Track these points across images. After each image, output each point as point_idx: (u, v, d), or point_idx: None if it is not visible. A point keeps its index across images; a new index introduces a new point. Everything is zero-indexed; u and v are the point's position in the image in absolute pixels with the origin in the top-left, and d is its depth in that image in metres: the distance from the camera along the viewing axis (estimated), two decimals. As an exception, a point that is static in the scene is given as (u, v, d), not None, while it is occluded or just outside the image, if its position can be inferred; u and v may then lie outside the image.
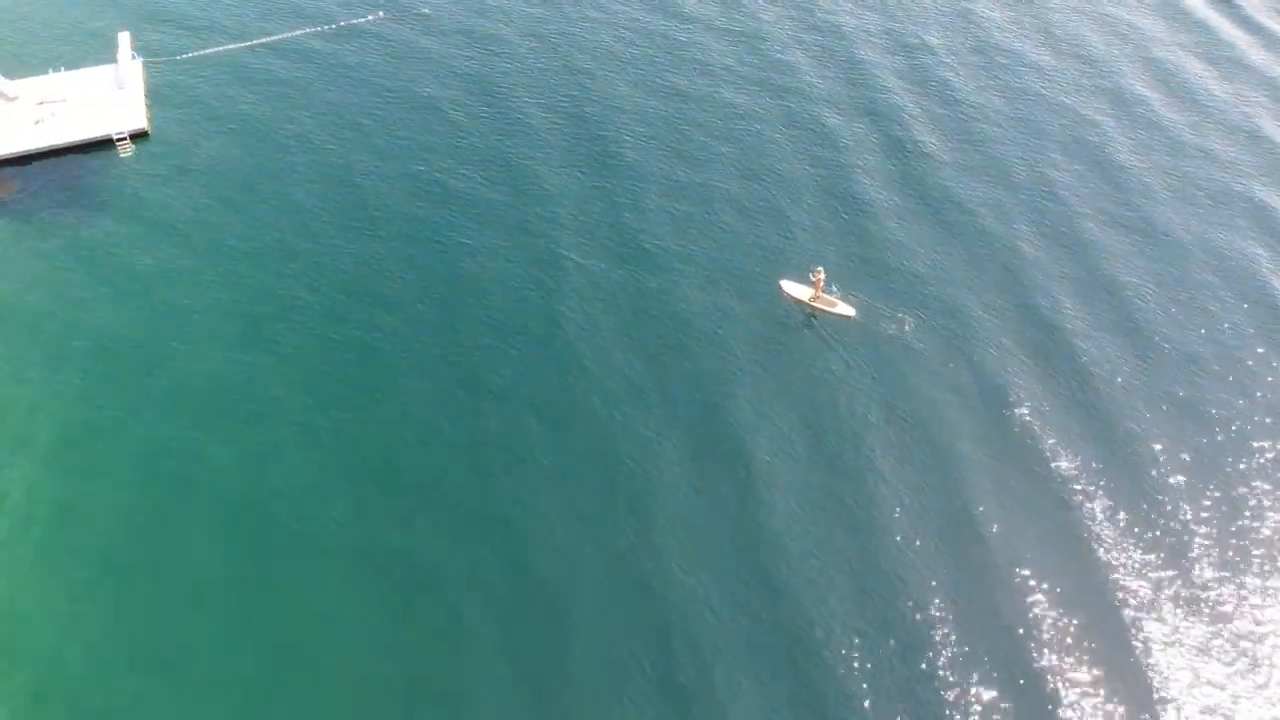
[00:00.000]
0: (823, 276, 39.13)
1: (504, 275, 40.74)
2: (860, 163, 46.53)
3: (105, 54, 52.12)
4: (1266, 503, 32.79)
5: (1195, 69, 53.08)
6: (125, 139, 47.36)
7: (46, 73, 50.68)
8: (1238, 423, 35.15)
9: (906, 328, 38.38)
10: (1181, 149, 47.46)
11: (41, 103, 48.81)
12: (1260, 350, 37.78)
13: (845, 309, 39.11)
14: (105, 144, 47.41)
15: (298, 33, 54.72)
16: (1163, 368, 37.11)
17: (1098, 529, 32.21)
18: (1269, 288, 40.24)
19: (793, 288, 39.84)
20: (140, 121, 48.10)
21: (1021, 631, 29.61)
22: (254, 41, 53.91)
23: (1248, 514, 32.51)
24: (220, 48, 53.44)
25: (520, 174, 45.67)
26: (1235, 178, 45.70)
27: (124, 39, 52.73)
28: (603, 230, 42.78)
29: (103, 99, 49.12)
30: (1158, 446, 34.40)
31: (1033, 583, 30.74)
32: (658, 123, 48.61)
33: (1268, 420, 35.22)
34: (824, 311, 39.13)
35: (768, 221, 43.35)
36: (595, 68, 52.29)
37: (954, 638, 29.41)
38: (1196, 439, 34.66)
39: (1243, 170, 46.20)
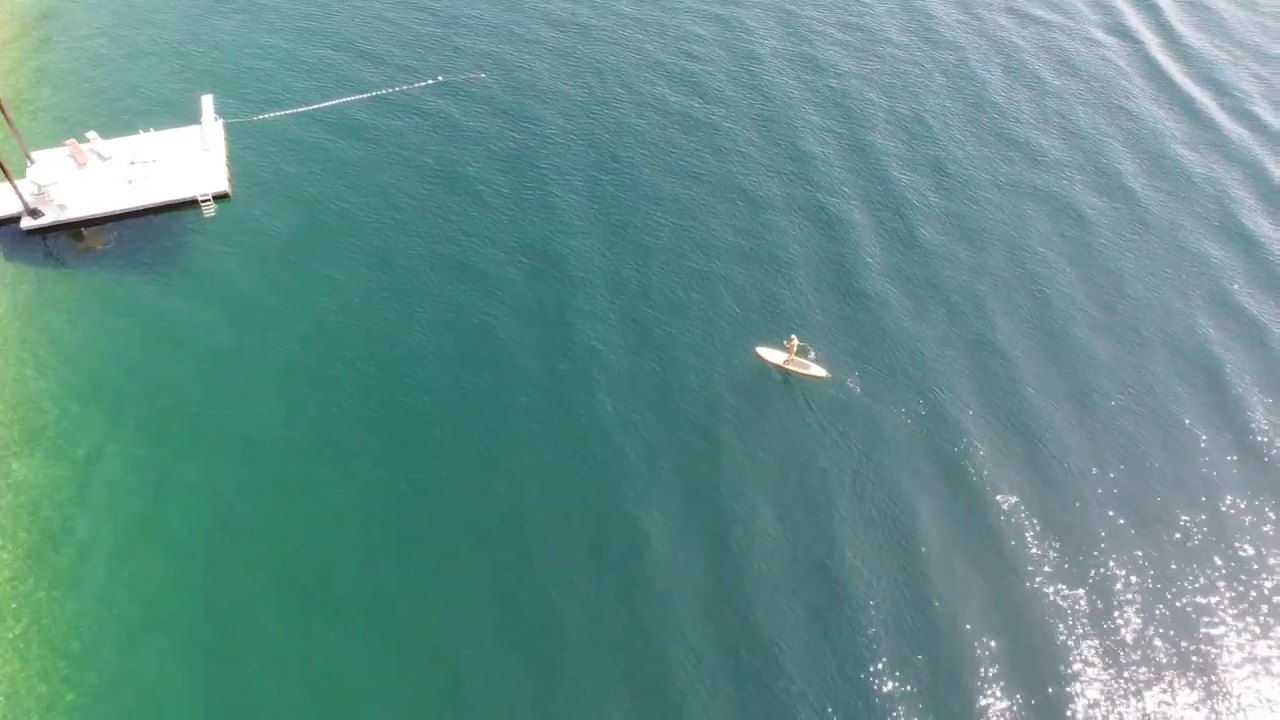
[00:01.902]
0: (796, 343, 43.05)
1: (516, 346, 45.17)
2: (846, 243, 50.13)
3: (190, 115, 56.86)
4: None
5: (1188, 157, 55.88)
6: (209, 200, 51.98)
7: (137, 132, 55.49)
8: (1185, 519, 38.67)
9: (879, 394, 42.68)
10: (1165, 247, 50.29)
11: (133, 162, 53.56)
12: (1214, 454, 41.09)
13: (818, 370, 43.05)
14: (190, 203, 52.13)
15: (363, 96, 59.14)
16: (1113, 459, 40.68)
17: (1050, 607, 35.69)
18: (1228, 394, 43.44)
19: (768, 353, 43.73)
20: (222, 184, 52.66)
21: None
22: (323, 104, 58.42)
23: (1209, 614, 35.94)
24: (293, 110, 57.97)
25: (539, 254, 49.46)
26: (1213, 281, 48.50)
27: (207, 101, 57.42)
28: (605, 309, 46.59)
29: (189, 160, 53.77)
30: (1106, 535, 37.88)
31: (987, 661, 34.28)
32: (668, 205, 52.07)
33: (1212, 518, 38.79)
34: (798, 374, 43.07)
35: (749, 295, 47.31)
36: (620, 148, 55.83)
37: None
38: (1147, 529, 38.31)
39: (1227, 271, 49.00)
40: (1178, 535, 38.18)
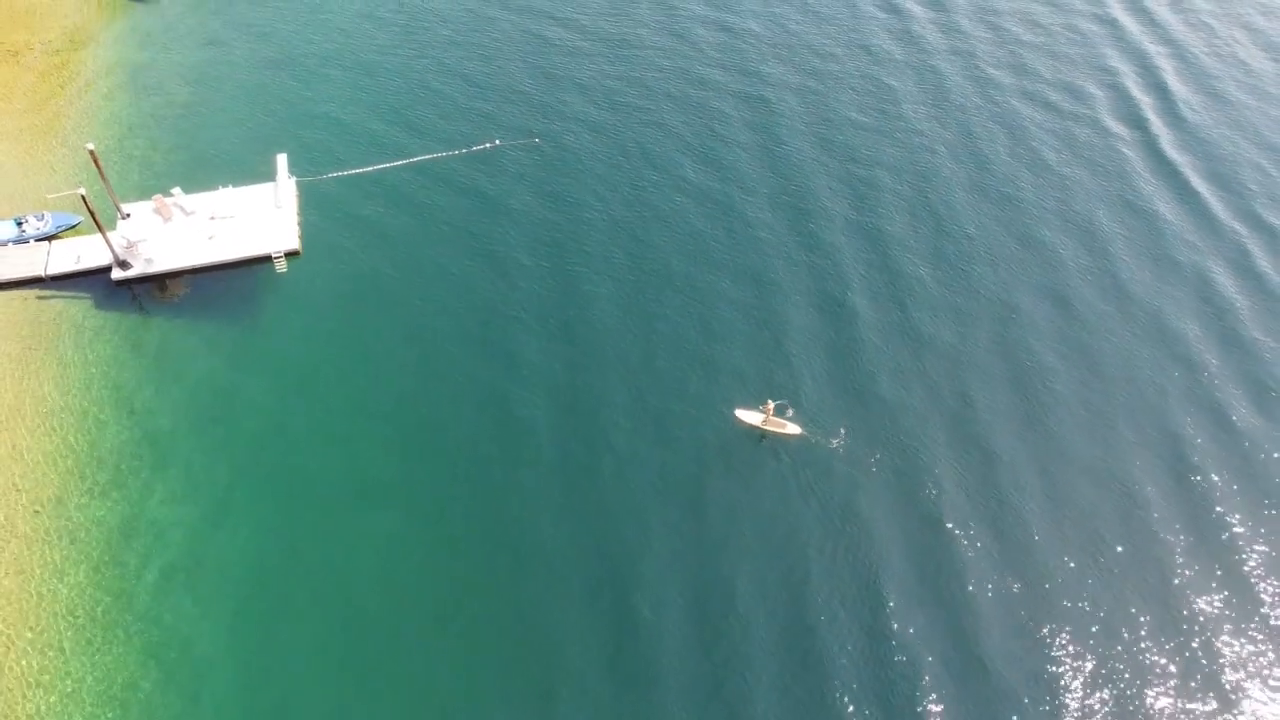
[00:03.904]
0: (772, 406, 46.97)
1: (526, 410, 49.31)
2: (837, 320, 53.65)
3: (265, 172, 61.12)
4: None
5: (1185, 254, 57.85)
6: (281, 256, 56.11)
7: (216, 188, 59.80)
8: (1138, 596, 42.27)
9: (846, 446, 47.22)
10: (1149, 340, 52.70)
11: (213, 218, 57.84)
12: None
13: (793, 429, 47.17)
14: (264, 258, 56.30)
15: (426, 157, 63.12)
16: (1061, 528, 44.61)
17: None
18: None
19: (746, 415, 47.76)
20: (293, 242, 56.77)
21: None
22: (389, 164, 62.42)
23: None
24: (361, 169, 62.05)
25: (558, 321, 53.42)
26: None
27: (281, 160, 61.62)
28: (608, 375, 50.65)
29: (263, 217, 57.96)
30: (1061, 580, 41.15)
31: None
32: (679, 281, 55.46)
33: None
34: (774, 433, 47.19)
35: (731, 363, 51.30)
36: (640, 227, 58.92)
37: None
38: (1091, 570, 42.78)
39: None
40: (1132, 610, 41.73)
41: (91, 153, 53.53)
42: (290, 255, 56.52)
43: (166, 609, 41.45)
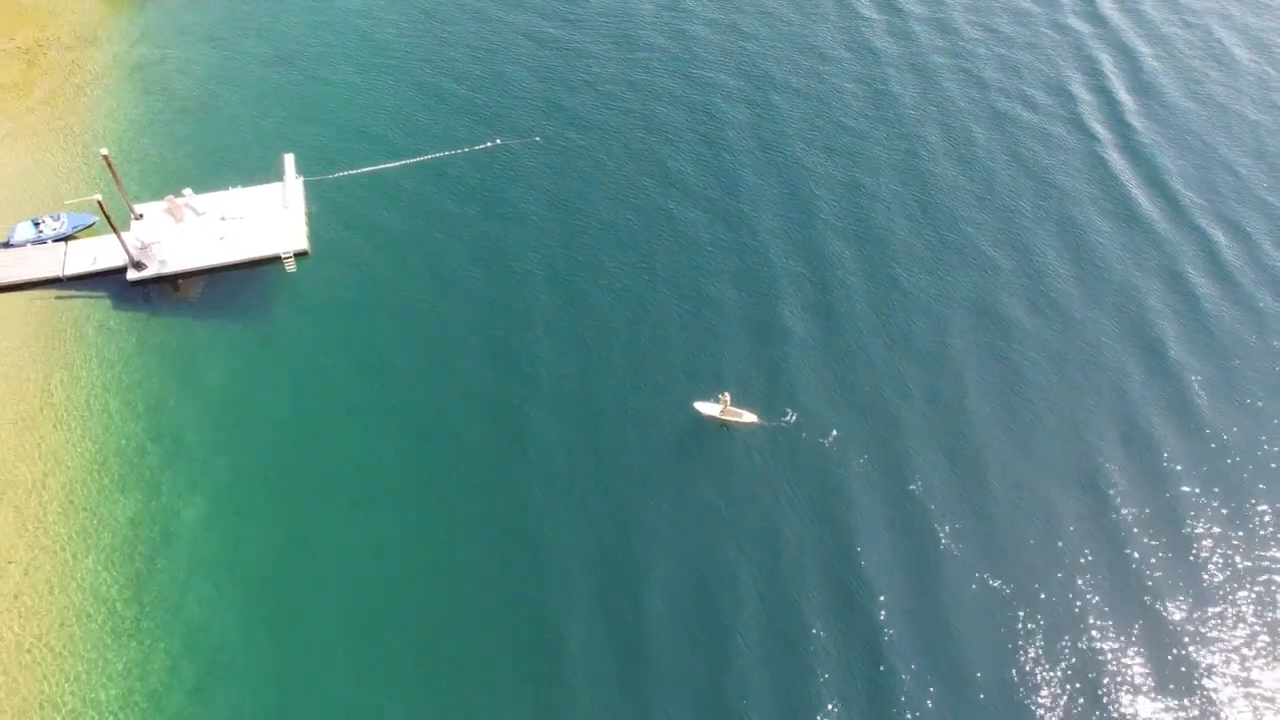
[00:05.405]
0: (728, 398, 49.19)
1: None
2: (785, 329, 54.76)
3: (273, 172, 62.61)
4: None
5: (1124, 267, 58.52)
6: (290, 257, 57.81)
7: (226, 189, 61.36)
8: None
9: (800, 433, 49.45)
10: (1083, 352, 53.75)
11: (223, 219, 59.47)
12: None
13: (751, 417, 49.45)
14: (273, 258, 58.01)
15: (430, 156, 64.54)
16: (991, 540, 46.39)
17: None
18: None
19: (704, 406, 49.86)
20: (302, 242, 58.40)
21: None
22: (394, 163, 63.86)
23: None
24: (366, 168, 63.48)
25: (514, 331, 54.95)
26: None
27: (289, 160, 63.04)
28: (571, 378, 52.51)
29: (272, 217, 59.55)
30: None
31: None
32: (634, 300, 56.35)
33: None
34: (733, 422, 49.46)
35: (689, 354, 53.44)
36: (629, 231, 60.40)
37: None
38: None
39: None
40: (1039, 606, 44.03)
41: (105, 158, 55.07)
42: (299, 255, 58.18)
43: (178, 602, 43.66)
